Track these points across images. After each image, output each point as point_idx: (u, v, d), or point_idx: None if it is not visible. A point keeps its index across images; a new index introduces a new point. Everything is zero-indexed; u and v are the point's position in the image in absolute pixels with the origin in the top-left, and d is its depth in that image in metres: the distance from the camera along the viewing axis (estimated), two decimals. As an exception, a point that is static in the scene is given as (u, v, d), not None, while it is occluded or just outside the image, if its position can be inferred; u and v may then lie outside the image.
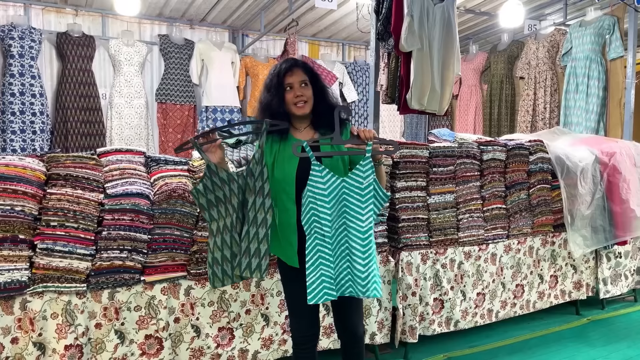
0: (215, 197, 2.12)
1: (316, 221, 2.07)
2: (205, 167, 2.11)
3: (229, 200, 2.13)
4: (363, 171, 2.09)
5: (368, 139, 2.11)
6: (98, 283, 2.45)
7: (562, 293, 4.01)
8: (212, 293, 2.74)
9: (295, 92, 2.18)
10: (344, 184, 2.10)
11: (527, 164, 3.76)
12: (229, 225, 2.13)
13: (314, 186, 2.07)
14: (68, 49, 5.50)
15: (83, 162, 2.50)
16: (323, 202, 2.07)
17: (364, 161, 2.09)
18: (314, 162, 2.08)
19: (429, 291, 3.35)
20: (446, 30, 3.26)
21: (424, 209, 3.35)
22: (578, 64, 5.07)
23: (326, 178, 2.08)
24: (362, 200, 2.10)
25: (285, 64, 2.22)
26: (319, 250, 2.08)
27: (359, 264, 2.09)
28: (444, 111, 3.48)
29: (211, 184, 2.11)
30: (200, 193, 2.11)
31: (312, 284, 2.08)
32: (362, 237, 2.09)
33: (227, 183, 2.10)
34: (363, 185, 2.09)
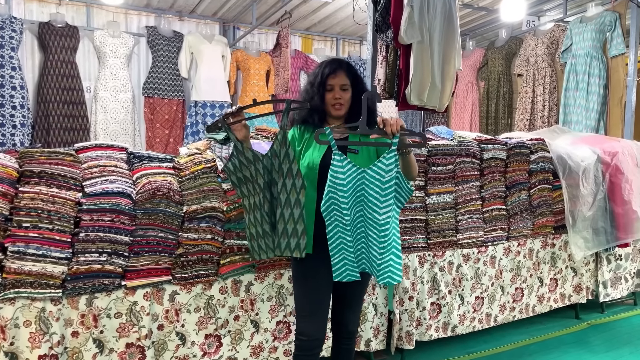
0: (243, 175, 2.20)
1: (336, 209, 2.10)
2: (233, 147, 2.18)
3: (254, 179, 2.20)
4: (386, 164, 2.07)
5: (394, 132, 2.07)
6: (75, 288, 2.29)
7: (562, 297, 3.91)
8: (198, 299, 2.59)
9: (335, 95, 2.26)
10: (364, 174, 2.10)
11: (528, 163, 3.65)
12: (257, 203, 2.22)
13: (334, 175, 2.08)
14: (50, 40, 5.29)
15: (59, 158, 2.35)
16: (342, 192, 2.08)
17: (389, 154, 2.07)
18: (335, 151, 2.09)
19: (426, 295, 3.23)
20: (447, 22, 3.11)
21: (422, 209, 3.23)
22: (578, 61, 4.95)
23: (346, 168, 2.09)
24: (381, 193, 2.09)
25: (331, 66, 2.28)
26: (340, 237, 2.14)
27: (376, 251, 2.13)
28: (444, 107, 3.34)
29: (239, 163, 2.19)
30: (231, 171, 2.20)
31: (336, 264, 2.17)
32: (379, 228, 2.10)
33: (252, 163, 2.18)
34: (384, 179, 2.07)
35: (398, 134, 2.06)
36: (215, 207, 2.56)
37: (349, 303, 2.39)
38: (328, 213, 2.13)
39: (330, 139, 2.09)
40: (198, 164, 2.60)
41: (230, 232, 2.63)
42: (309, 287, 2.30)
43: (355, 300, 2.41)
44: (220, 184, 2.63)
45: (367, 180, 2.10)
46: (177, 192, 2.48)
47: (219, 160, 2.66)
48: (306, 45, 7.08)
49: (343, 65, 2.32)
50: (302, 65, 6.62)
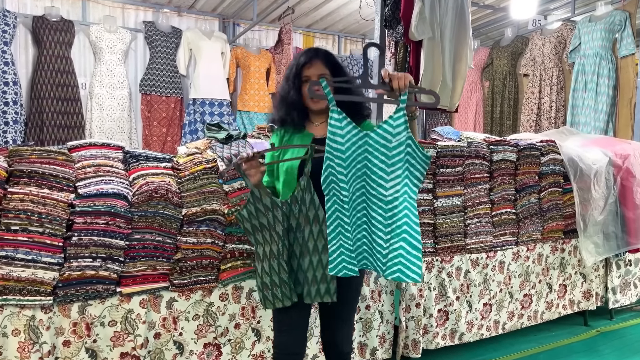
0: (259, 223, 2.03)
1: (334, 182, 1.80)
2: (249, 194, 2.01)
3: (272, 227, 2.02)
4: (393, 126, 1.73)
5: (401, 88, 1.76)
6: (67, 295, 2.17)
7: (571, 303, 3.80)
8: (197, 306, 2.48)
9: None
10: (367, 139, 1.77)
11: (539, 165, 3.54)
12: (275, 252, 2.02)
13: (332, 139, 1.78)
14: (45, 34, 5.15)
15: (51, 157, 2.22)
16: (340, 160, 1.77)
17: (396, 113, 1.73)
18: (333, 107, 1.77)
19: (433, 302, 3.12)
20: (459, 18, 2.99)
21: (430, 213, 3.12)
22: (587, 60, 4.84)
23: (346, 129, 1.77)
24: (387, 162, 1.75)
25: (305, 55, 2.08)
26: (338, 217, 1.82)
27: (380, 237, 1.81)
28: (455, 107, 3.22)
29: (255, 210, 2.02)
30: (245, 218, 2.03)
31: (333, 254, 1.86)
32: (384, 207, 1.78)
33: (270, 210, 2.01)
34: (391, 144, 1.74)
35: (406, 91, 1.76)
36: (215, 210, 2.44)
37: (338, 316, 2.14)
38: (327, 186, 1.82)
39: (327, 92, 1.77)
40: (198, 164, 2.48)
41: (231, 236, 2.51)
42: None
43: (346, 312, 2.16)
44: (221, 185, 2.51)
45: (371, 147, 1.76)
46: (176, 194, 2.36)
47: (220, 161, 2.54)
48: (307, 42, 6.96)
49: (320, 53, 2.09)
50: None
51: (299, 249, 2.03)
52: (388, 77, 1.79)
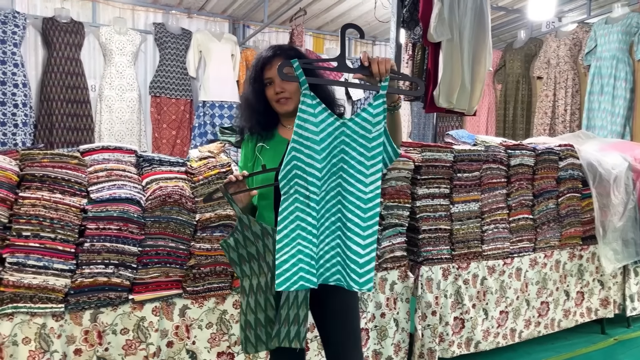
0: (247, 252, 1.80)
1: (299, 176, 1.58)
2: (237, 220, 1.78)
3: (262, 257, 1.78)
4: (373, 114, 1.56)
5: (382, 73, 1.58)
6: (78, 303, 2.12)
7: (588, 311, 3.72)
8: (210, 314, 2.41)
9: (276, 88, 1.83)
10: (344, 129, 1.58)
11: (557, 170, 3.47)
12: (263, 285, 1.78)
13: (302, 126, 1.56)
14: (55, 36, 5.12)
15: (63, 161, 2.16)
16: (312, 150, 1.56)
17: (376, 100, 1.57)
18: (305, 90, 1.57)
19: (449, 310, 3.06)
20: (478, 19, 2.93)
21: (446, 218, 3.05)
22: (603, 63, 4.76)
23: (320, 117, 1.57)
24: (367, 155, 1.57)
25: (264, 55, 1.87)
26: (298, 218, 1.58)
27: (357, 244, 1.58)
28: (474, 111, 3.15)
29: (243, 239, 1.79)
30: (231, 247, 1.79)
31: (284, 264, 1.59)
32: (363, 206, 1.57)
33: (260, 238, 1.77)
34: (371, 135, 1.56)
35: (388, 76, 1.58)
36: (230, 216, 2.38)
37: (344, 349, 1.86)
38: (287, 182, 1.59)
39: (299, 73, 1.57)
40: (212, 168, 2.42)
41: (245, 242, 2.45)
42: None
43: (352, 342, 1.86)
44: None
45: (349, 137, 1.57)
46: (190, 199, 2.31)
47: (235, 165, 2.48)
48: (317, 44, 6.92)
49: (280, 51, 1.86)
50: (318, 68, 6.45)
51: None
52: (367, 60, 1.61)
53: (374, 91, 1.62)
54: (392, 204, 2.82)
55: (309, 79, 1.57)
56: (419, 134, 6.39)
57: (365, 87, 1.64)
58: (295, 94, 1.81)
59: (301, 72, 1.58)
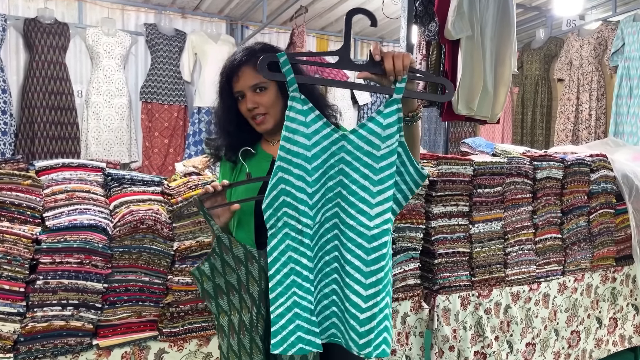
0: (225, 282, 1.44)
1: (288, 204, 1.27)
2: (215, 241, 1.42)
3: (245, 288, 1.44)
4: (383, 125, 1.22)
5: (398, 71, 1.25)
6: (30, 352, 1.83)
7: (622, 339, 3.38)
8: (192, 358, 2.12)
9: (247, 104, 1.50)
10: (344, 143, 1.26)
11: (588, 183, 3.14)
12: (247, 323, 1.44)
13: (290, 139, 1.24)
14: (37, 38, 4.83)
15: (13, 182, 1.85)
16: (303, 170, 1.24)
17: (389, 107, 1.23)
18: (294, 92, 1.25)
19: (469, 343, 2.74)
20: (502, 14, 2.58)
21: (465, 240, 2.74)
22: (632, 64, 4.43)
23: (314, 126, 1.24)
24: (373, 178, 1.24)
25: (230, 62, 1.53)
26: (291, 260, 1.28)
27: (357, 293, 1.26)
28: (497, 118, 2.81)
29: (221, 264, 1.43)
30: (205, 275, 1.43)
31: (279, 319, 1.29)
32: (366, 245, 1.25)
33: (243, 264, 1.43)
34: (379, 152, 1.23)
35: (405, 76, 1.25)
36: (214, 244, 2.06)
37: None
38: (273, 213, 1.29)
39: (286, 70, 1.25)
40: (193, 188, 2.12)
41: (233, 274, 2.12)
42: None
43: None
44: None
45: (350, 154, 1.25)
46: (166, 225, 2.01)
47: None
48: (321, 46, 6.65)
49: (248, 56, 1.51)
50: (317, 68, 6.15)
51: None
52: (380, 54, 1.27)
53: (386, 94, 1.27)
54: (403, 225, 2.53)
55: (299, 78, 1.22)
56: (430, 140, 6.07)
57: (375, 90, 1.30)
58: (272, 107, 1.49)
59: (289, 69, 1.24)
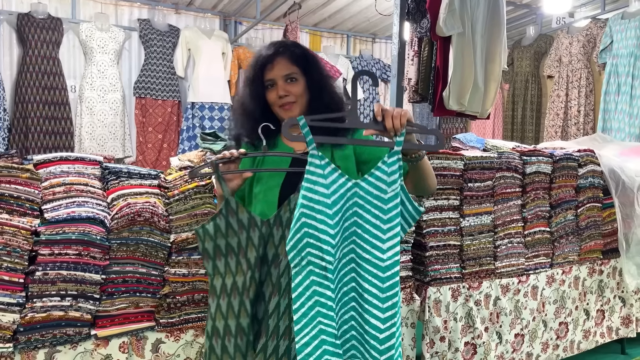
0: (226, 244, 1.54)
1: (312, 245, 1.39)
2: (223, 204, 1.54)
3: (243, 252, 1.54)
4: (388, 173, 1.41)
5: (397, 128, 1.42)
6: (30, 341, 1.85)
7: (609, 330, 3.44)
8: (188, 348, 2.14)
9: (279, 91, 1.65)
10: (356, 189, 1.43)
11: (576, 178, 3.19)
12: (239, 286, 1.54)
13: (312, 189, 1.39)
14: (31, 33, 4.80)
15: (12, 175, 1.87)
16: (324, 215, 1.38)
17: (390, 157, 1.42)
18: (313, 150, 1.40)
19: (459, 334, 2.78)
20: (492, 11, 2.62)
21: (456, 233, 2.78)
22: (620, 61, 4.48)
23: (331, 177, 1.40)
24: (383, 218, 1.41)
25: (265, 52, 1.67)
26: (316, 293, 1.39)
27: (376, 317, 1.40)
28: (487, 114, 2.85)
29: (225, 226, 1.53)
30: (208, 235, 1.53)
31: (305, 347, 1.38)
32: (380, 275, 1.41)
33: (245, 229, 1.54)
34: (386, 195, 1.41)
35: (404, 130, 1.42)
36: (210, 236, 2.09)
37: None
38: (298, 254, 1.41)
39: (305, 132, 1.40)
40: (190, 181, 2.14)
41: (228, 266, 2.16)
42: None
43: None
44: (216, 206, 2.16)
45: (362, 199, 1.43)
46: (163, 217, 2.04)
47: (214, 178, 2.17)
48: (314, 42, 6.64)
49: (283, 48, 1.67)
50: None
51: (269, 289, 1.55)
52: (381, 114, 1.43)
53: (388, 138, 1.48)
54: (396, 218, 2.54)
55: (316, 138, 1.40)
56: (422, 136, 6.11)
57: (378, 144, 1.54)
58: (300, 97, 1.66)
59: (308, 131, 1.40)
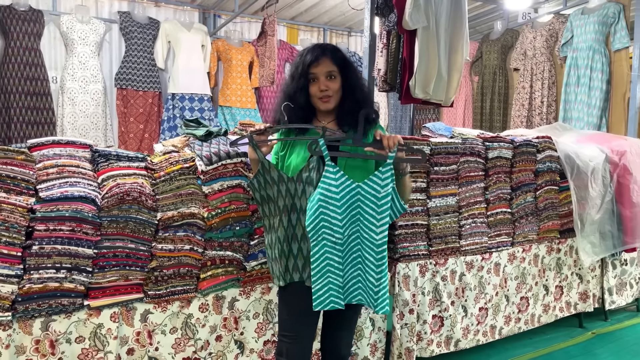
0: (267, 194, 2.06)
1: (326, 227, 1.95)
2: (260, 165, 2.04)
3: (275, 201, 2.05)
4: (382, 179, 1.95)
5: (391, 146, 1.97)
6: (27, 310, 1.97)
7: (568, 305, 3.68)
8: (175, 318, 2.29)
9: (320, 86, 2.03)
10: (359, 189, 1.97)
11: (535, 163, 3.41)
12: (276, 225, 2.05)
13: (326, 188, 1.95)
14: (12, 25, 4.82)
15: (8, 157, 2.01)
16: (335, 207, 1.95)
17: (384, 168, 1.96)
18: (328, 162, 1.96)
19: (427, 307, 2.97)
20: (454, 6, 2.81)
21: (423, 213, 2.96)
22: (580, 54, 4.71)
23: (340, 181, 1.96)
24: (377, 210, 1.96)
25: (312, 53, 2.04)
26: (327, 258, 1.96)
27: (372, 276, 1.99)
28: (451, 102, 3.04)
29: (264, 181, 2.05)
30: (255, 188, 2.07)
31: (318, 291, 1.97)
32: (376, 249, 1.98)
33: (276, 183, 2.04)
34: (380, 195, 1.95)
35: (395, 148, 1.96)
36: (194, 214, 2.25)
37: (340, 323, 2.16)
38: (315, 231, 1.95)
39: (323, 149, 1.97)
40: (174, 163, 2.28)
41: (211, 241, 2.32)
42: (296, 308, 2.06)
43: (347, 322, 2.17)
44: (200, 186, 2.31)
45: (363, 196, 1.97)
46: (150, 197, 2.17)
47: (199, 160, 2.32)
48: (291, 35, 6.73)
49: (327, 50, 2.06)
50: (288, 56, 6.27)
51: (300, 232, 2.01)
52: (379, 136, 2.01)
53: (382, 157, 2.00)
54: (367, 199, 2.72)
55: (331, 153, 1.97)
56: (396, 126, 6.31)
57: (377, 158, 2.01)
58: (336, 93, 2.05)
59: (325, 147, 1.95)
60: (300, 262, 2.02)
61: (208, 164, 2.31)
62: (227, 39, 6.02)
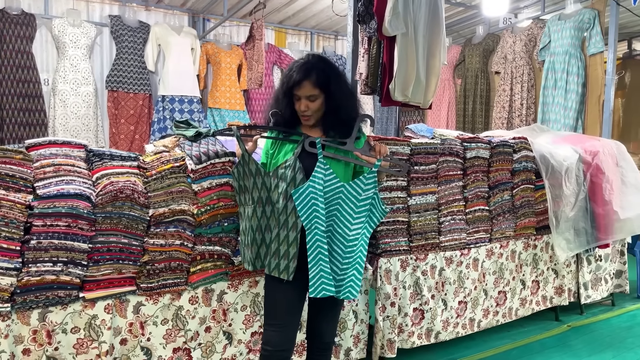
0: (244, 184, 2.24)
1: (317, 217, 2.09)
2: (241, 157, 2.20)
3: (250, 191, 2.22)
4: (365, 183, 2.14)
5: (382, 153, 2.20)
6: (25, 302, 2.07)
7: (544, 299, 3.83)
8: (166, 310, 2.39)
9: (301, 106, 2.17)
10: (342, 189, 2.14)
11: (511, 162, 3.56)
12: (250, 214, 2.22)
13: (316, 182, 2.10)
14: (5, 28, 4.89)
15: (7, 157, 2.10)
16: (321, 198, 2.10)
17: (369, 174, 2.14)
18: (321, 159, 2.12)
19: (408, 301, 3.10)
20: (432, 14, 2.95)
21: (404, 211, 3.09)
22: (557, 59, 4.88)
23: (328, 178, 2.12)
24: (355, 210, 2.14)
25: (298, 73, 2.13)
26: (319, 246, 2.09)
27: (337, 267, 2.13)
28: (429, 104, 3.18)
29: (242, 172, 2.22)
30: (235, 177, 2.26)
31: (313, 279, 2.07)
32: (345, 243, 2.14)
33: (253, 175, 2.19)
34: (360, 197, 2.14)
35: (380, 158, 2.16)
36: (184, 210, 2.36)
37: (324, 313, 2.28)
38: (309, 220, 2.08)
39: (318, 148, 2.14)
40: (165, 162, 2.39)
41: (201, 237, 2.43)
42: (281, 296, 2.18)
43: (332, 310, 2.29)
44: (190, 184, 2.42)
45: (344, 195, 2.14)
46: (142, 194, 2.27)
47: (189, 159, 2.44)
48: (279, 39, 6.82)
49: (311, 73, 2.12)
50: (276, 59, 6.38)
51: (273, 223, 2.15)
52: (372, 143, 2.25)
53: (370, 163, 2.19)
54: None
55: (325, 153, 2.15)
56: (382, 128, 6.44)
57: (363, 164, 2.18)
58: (316, 112, 2.18)
59: (320, 147, 2.13)
60: (270, 251, 2.16)
61: (197, 163, 2.42)
62: (216, 42, 6.11)
